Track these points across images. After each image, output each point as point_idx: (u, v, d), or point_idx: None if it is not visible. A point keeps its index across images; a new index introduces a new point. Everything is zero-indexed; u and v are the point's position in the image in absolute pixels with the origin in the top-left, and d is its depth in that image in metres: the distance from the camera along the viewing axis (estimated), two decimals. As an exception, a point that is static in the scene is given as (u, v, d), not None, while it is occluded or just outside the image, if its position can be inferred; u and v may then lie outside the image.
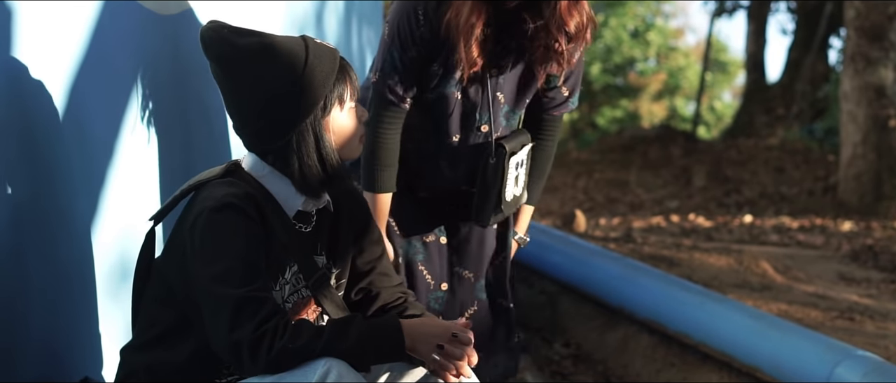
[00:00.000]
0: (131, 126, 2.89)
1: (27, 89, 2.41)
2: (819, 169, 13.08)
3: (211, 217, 2.25)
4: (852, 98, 11.00)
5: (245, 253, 2.25)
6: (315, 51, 2.40)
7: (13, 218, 2.38)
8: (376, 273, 2.71)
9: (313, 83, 2.37)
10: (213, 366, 2.37)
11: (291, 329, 2.18)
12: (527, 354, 5.12)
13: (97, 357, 2.80)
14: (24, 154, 2.40)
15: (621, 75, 29.22)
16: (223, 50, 2.37)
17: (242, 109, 2.39)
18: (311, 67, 2.37)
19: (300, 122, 2.36)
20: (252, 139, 2.42)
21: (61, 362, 2.63)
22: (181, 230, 2.34)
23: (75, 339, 2.71)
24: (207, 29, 2.41)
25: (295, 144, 2.38)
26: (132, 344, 2.44)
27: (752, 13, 19.07)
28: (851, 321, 5.25)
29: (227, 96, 2.42)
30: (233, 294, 2.17)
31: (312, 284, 2.48)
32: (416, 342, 2.33)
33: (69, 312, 2.66)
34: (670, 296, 5.14)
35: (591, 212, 11.89)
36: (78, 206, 2.67)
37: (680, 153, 15.24)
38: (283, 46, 2.39)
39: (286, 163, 2.40)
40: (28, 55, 2.42)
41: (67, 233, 2.63)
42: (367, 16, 6.07)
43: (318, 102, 2.38)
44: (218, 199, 2.28)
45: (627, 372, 5.07)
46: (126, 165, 2.85)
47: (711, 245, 8.04)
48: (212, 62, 2.40)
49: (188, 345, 2.34)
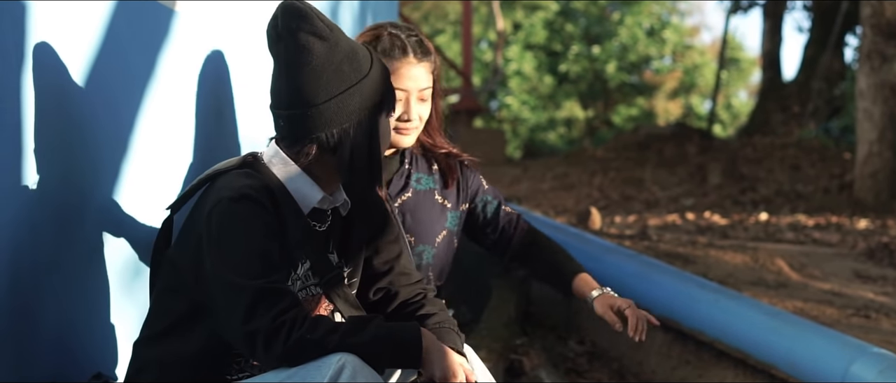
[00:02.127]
0: (145, 120, 2.89)
1: (43, 85, 2.41)
2: (835, 167, 13.05)
3: (229, 207, 2.25)
4: (868, 96, 10.97)
5: (262, 244, 2.25)
6: (377, 56, 2.49)
7: (27, 214, 2.38)
8: (395, 273, 2.72)
9: (378, 81, 2.44)
10: (224, 359, 2.37)
11: (310, 321, 2.18)
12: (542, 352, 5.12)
13: (111, 353, 2.80)
14: (38, 150, 2.41)
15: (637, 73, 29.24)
16: (301, 26, 2.36)
17: (303, 90, 2.36)
18: (376, 67, 2.45)
19: (362, 114, 2.40)
20: (298, 124, 2.39)
21: (74, 358, 2.63)
22: (197, 219, 2.34)
23: (88, 335, 2.71)
24: (291, 4, 2.39)
25: (352, 135, 2.39)
26: (144, 335, 2.43)
27: (768, 11, 19.04)
28: (867, 319, 5.23)
29: (287, 74, 2.38)
30: (251, 284, 2.17)
31: (325, 282, 2.48)
32: (429, 354, 2.33)
33: (82, 308, 2.66)
34: (685, 294, 5.12)
35: (606, 209, 11.88)
36: (91, 202, 2.67)
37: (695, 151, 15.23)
38: (356, 43, 2.46)
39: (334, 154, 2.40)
40: (45, 51, 2.42)
41: (81, 229, 2.63)
42: (383, 13, 6.07)
43: (382, 99, 2.46)
44: (236, 190, 2.28)
45: (642, 370, 5.06)
46: (139, 160, 2.86)
47: (727, 242, 8.03)
48: (285, 38, 2.38)
49: (200, 336, 2.34)
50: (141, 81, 2.90)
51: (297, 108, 2.37)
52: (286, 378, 2.16)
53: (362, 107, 2.40)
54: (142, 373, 2.40)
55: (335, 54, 2.37)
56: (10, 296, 2.34)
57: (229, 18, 3.41)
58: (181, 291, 2.36)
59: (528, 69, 28.49)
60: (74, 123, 2.57)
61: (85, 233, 2.66)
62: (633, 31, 28.07)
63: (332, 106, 2.36)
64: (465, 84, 18.99)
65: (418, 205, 3.16)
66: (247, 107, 3.44)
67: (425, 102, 3.02)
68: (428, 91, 3.00)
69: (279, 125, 2.44)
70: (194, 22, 3.18)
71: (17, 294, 2.37)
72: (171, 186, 3.05)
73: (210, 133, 3.25)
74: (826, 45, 16.94)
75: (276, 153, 2.45)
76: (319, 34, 2.36)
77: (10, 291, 2.34)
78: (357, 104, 2.39)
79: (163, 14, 3.01)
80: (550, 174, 15.53)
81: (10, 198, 2.33)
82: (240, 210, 2.26)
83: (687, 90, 30.29)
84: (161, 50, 2.99)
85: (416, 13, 28.10)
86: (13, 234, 2.34)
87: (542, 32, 28.53)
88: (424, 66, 2.98)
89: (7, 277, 2.32)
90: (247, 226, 2.25)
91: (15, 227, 2.35)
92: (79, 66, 2.57)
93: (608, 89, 28.43)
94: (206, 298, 2.27)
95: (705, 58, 30.77)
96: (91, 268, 2.70)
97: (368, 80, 2.41)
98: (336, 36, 2.39)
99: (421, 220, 3.14)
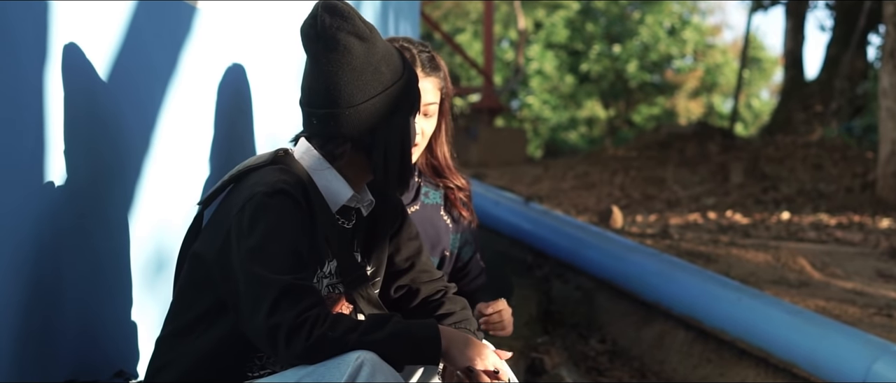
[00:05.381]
0: (167, 118, 2.90)
1: (66, 83, 2.42)
2: (857, 166, 12.99)
3: (264, 201, 2.25)
4: (891, 94, 10.93)
5: (294, 240, 2.25)
6: (407, 58, 2.53)
7: (49, 211, 2.40)
8: (416, 270, 2.72)
9: (412, 84, 2.47)
10: (246, 355, 2.36)
11: (332, 319, 2.18)
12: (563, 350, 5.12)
13: (133, 350, 2.81)
14: (61, 147, 2.42)
15: (658, 73, 29.18)
16: (342, 26, 2.36)
17: (342, 90, 2.36)
18: (408, 69, 2.47)
19: (396, 115, 2.42)
20: (334, 123, 2.39)
21: (97, 355, 2.64)
22: (226, 213, 2.33)
23: (110, 333, 2.72)
24: (333, 3, 2.39)
25: (386, 136, 2.41)
26: (166, 332, 2.43)
27: (791, 10, 18.97)
28: (889, 318, 5.22)
29: (325, 73, 2.38)
30: (279, 279, 2.17)
31: (350, 281, 2.48)
32: (452, 348, 2.32)
33: (105, 306, 2.67)
34: (707, 292, 5.12)
35: (627, 208, 11.86)
36: (114, 200, 2.68)
37: (717, 150, 15.19)
38: (389, 44, 2.48)
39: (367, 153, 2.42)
40: (65, 49, 2.43)
41: (103, 227, 2.64)
42: (404, 12, 6.08)
43: (416, 101, 2.49)
44: (271, 185, 2.28)
45: (664, 368, 5.06)
46: (162, 158, 2.87)
47: (749, 241, 8.01)
48: (324, 37, 2.37)
49: (222, 332, 2.33)
50: (164, 79, 2.91)
51: (335, 107, 2.37)
52: (305, 375, 2.16)
53: (397, 109, 2.42)
54: (164, 370, 2.39)
55: (374, 55, 2.38)
56: (33, 293, 2.35)
57: (251, 16, 3.42)
58: (205, 287, 2.35)
59: (549, 68, 28.46)
60: (98, 121, 2.59)
61: (108, 229, 2.67)
62: (654, 30, 28.01)
63: (370, 107, 2.37)
64: (486, 83, 18.99)
65: (425, 218, 3.15)
66: (269, 105, 3.45)
67: (430, 117, 3.00)
68: (433, 106, 2.99)
69: (312, 123, 2.44)
70: (217, 20, 3.19)
71: (40, 291, 2.38)
72: (194, 183, 3.06)
73: (233, 130, 3.26)
74: (849, 44, 16.86)
75: (308, 150, 2.45)
76: (360, 35, 2.37)
77: (34, 288, 2.35)
78: (393, 105, 2.40)
79: (185, 12, 3.02)
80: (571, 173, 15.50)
81: (33, 195, 2.34)
82: (274, 204, 2.26)
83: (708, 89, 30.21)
84: (184, 48, 3.00)
85: (437, 12, 28.12)
86: (37, 231, 2.35)
87: (564, 31, 28.50)
88: (432, 80, 2.97)
89: (31, 274, 2.33)
90: (280, 220, 2.26)
91: (38, 224, 2.36)
92: (102, 64, 2.58)
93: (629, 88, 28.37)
94: (229, 293, 2.28)
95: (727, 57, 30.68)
96: (114, 265, 2.71)
97: (402, 82, 2.43)
98: (374, 37, 2.40)
99: (427, 234, 3.13)
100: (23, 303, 2.32)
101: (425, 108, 2.95)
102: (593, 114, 29.75)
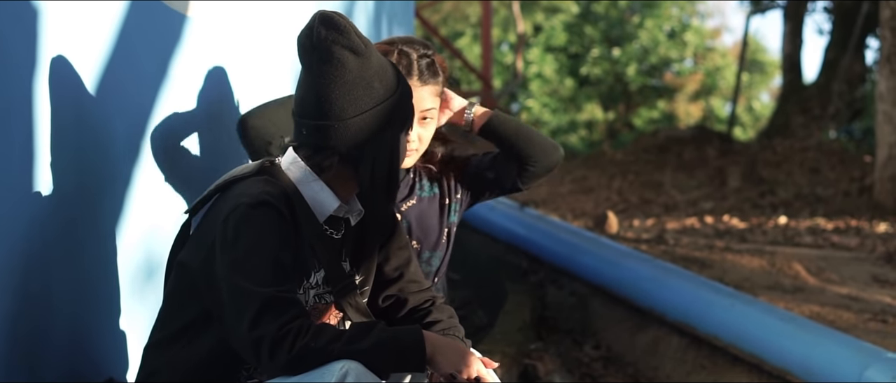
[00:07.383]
0: (156, 126, 2.90)
1: (53, 91, 2.43)
2: (855, 170, 12.98)
3: (247, 212, 2.25)
4: (888, 98, 10.92)
5: (277, 252, 2.25)
6: (402, 73, 2.54)
7: (39, 219, 2.40)
8: (405, 280, 2.72)
9: (405, 100, 2.48)
10: (234, 364, 2.37)
11: (314, 330, 2.18)
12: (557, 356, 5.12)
13: (122, 358, 2.82)
14: (50, 154, 2.42)
15: (658, 76, 29.16)
16: (338, 39, 2.36)
17: (333, 103, 2.36)
18: (402, 85, 2.47)
19: (386, 131, 2.42)
20: (324, 135, 2.38)
21: (86, 362, 2.65)
22: (211, 224, 2.33)
23: (100, 340, 2.73)
24: (329, 15, 2.39)
25: (375, 151, 2.41)
26: (154, 339, 2.44)
27: (789, 13, 18.96)
28: (884, 323, 5.22)
29: (318, 85, 2.37)
30: (261, 292, 2.17)
31: (339, 290, 2.49)
32: (437, 354, 2.32)
33: (94, 313, 2.68)
34: (700, 298, 5.13)
35: (624, 213, 11.86)
36: (103, 207, 2.69)
37: (715, 154, 15.18)
38: (385, 59, 2.48)
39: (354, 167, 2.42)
40: (54, 56, 2.43)
41: (92, 235, 2.65)
42: (398, 16, 6.07)
43: (408, 117, 2.50)
44: (255, 196, 2.28)
45: (657, 375, 5.06)
46: (151, 166, 2.87)
47: (744, 246, 8.01)
48: (319, 49, 2.36)
49: (210, 340, 2.34)
50: (153, 86, 2.92)
51: (325, 119, 2.37)
52: (293, 383, 2.17)
53: (388, 125, 2.41)
54: (152, 378, 2.40)
55: (367, 70, 2.38)
56: (23, 300, 2.36)
57: (240, 24, 3.42)
58: (192, 296, 2.36)
59: (549, 71, 28.45)
60: (87, 128, 2.59)
61: (98, 237, 2.68)
62: (654, 33, 28.00)
63: (360, 121, 2.37)
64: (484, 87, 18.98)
65: (423, 211, 3.15)
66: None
67: (428, 124, 2.99)
68: (432, 111, 2.98)
69: (301, 133, 2.43)
70: (205, 27, 3.19)
71: (29, 298, 2.39)
72: (183, 190, 3.06)
73: (221, 137, 3.26)
74: (847, 48, 16.86)
75: (295, 161, 2.45)
76: (354, 49, 2.36)
77: (23, 295, 2.36)
78: (384, 121, 2.40)
79: (174, 18, 3.03)
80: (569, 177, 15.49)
81: (22, 201, 2.35)
82: (257, 216, 2.26)
83: (708, 92, 30.19)
84: (173, 55, 3.00)
85: (436, 15, 28.10)
86: (25, 238, 2.36)
87: (563, 35, 28.47)
88: (429, 88, 2.95)
89: (20, 281, 2.34)
90: (263, 232, 2.26)
91: (27, 231, 2.37)
92: (90, 70, 2.59)
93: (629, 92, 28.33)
94: (215, 303, 2.28)
95: (727, 60, 30.66)
96: (103, 273, 2.72)
97: (395, 98, 2.43)
98: (369, 51, 2.40)
99: (426, 226, 3.14)
100: (12, 310, 2.32)
101: (423, 114, 2.94)
102: (593, 117, 29.74)
